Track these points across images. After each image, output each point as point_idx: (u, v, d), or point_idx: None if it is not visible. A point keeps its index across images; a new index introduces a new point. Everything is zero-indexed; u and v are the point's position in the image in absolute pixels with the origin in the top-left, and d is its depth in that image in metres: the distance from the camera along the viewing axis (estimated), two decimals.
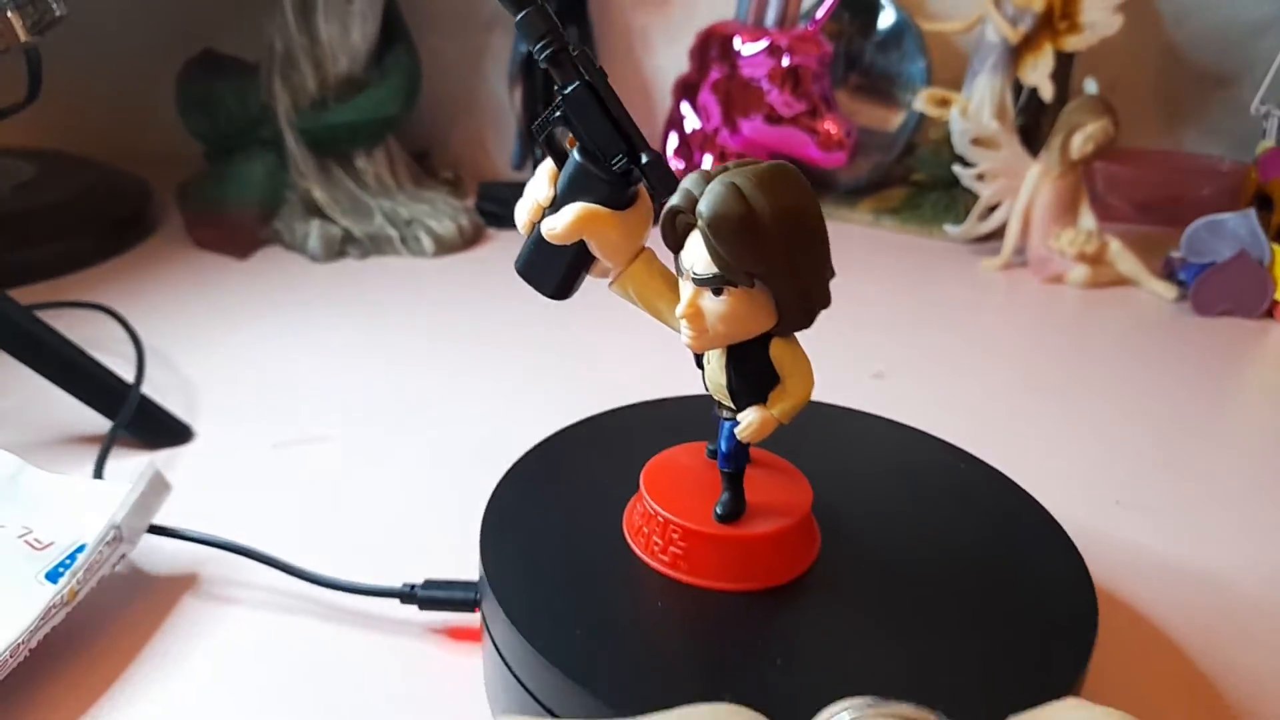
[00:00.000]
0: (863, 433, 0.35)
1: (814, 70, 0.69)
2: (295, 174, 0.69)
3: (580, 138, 0.24)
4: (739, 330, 0.23)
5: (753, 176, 0.22)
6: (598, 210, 0.24)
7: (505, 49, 0.80)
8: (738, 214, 0.21)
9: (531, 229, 0.25)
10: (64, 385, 0.42)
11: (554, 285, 0.26)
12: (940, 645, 0.25)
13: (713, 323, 0.23)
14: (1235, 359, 0.57)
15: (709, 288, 0.23)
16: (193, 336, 0.53)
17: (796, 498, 0.27)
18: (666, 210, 0.23)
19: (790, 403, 0.24)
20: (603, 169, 0.24)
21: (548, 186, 0.24)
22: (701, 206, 0.22)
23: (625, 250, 0.24)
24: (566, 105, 0.23)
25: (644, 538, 0.27)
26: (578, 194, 0.24)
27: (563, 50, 0.23)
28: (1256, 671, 0.31)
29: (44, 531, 0.32)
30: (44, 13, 0.42)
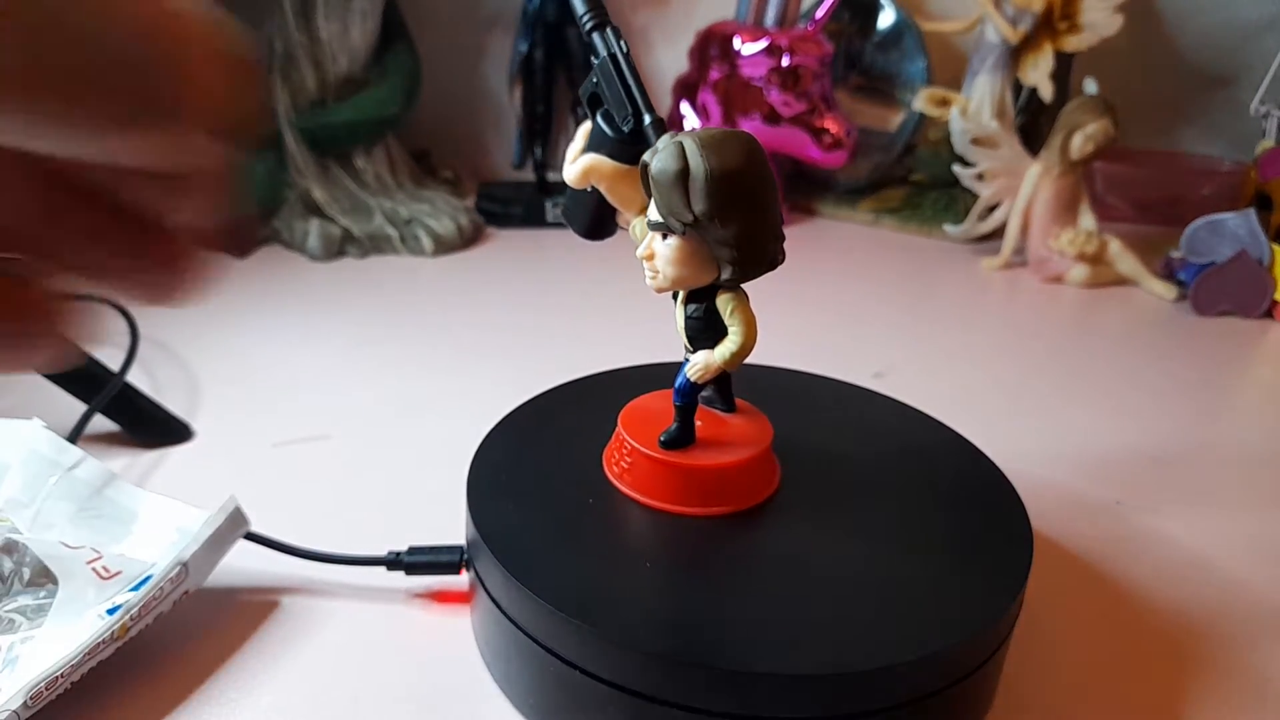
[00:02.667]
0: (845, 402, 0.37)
1: (814, 70, 0.69)
2: (295, 173, 0.69)
3: (604, 101, 0.28)
4: (685, 274, 0.26)
5: (700, 138, 0.24)
6: (602, 161, 0.28)
7: (505, 49, 0.80)
8: (674, 169, 0.24)
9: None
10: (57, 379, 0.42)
11: (583, 225, 0.30)
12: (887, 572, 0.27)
13: (662, 265, 0.26)
14: (1235, 359, 0.57)
15: (659, 232, 0.25)
16: (192, 335, 0.53)
17: (754, 440, 0.30)
18: (640, 164, 0.25)
19: (730, 349, 0.26)
20: (613, 128, 0.27)
21: (581, 140, 0.28)
22: (651, 160, 0.24)
23: (636, 200, 0.28)
24: (598, 72, 0.28)
25: (613, 463, 0.30)
26: (596, 149, 0.28)
27: (601, 25, 0.28)
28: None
29: (113, 559, 0.30)
30: None
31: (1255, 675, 0.31)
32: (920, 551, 0.28)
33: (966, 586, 0.27)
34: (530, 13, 0.77)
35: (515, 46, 0.78)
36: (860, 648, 0.24)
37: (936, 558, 0.28)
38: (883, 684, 0.24)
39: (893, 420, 0.36)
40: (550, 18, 0.76)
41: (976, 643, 0.26)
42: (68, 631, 0.27)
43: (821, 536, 0.29)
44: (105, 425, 0.43)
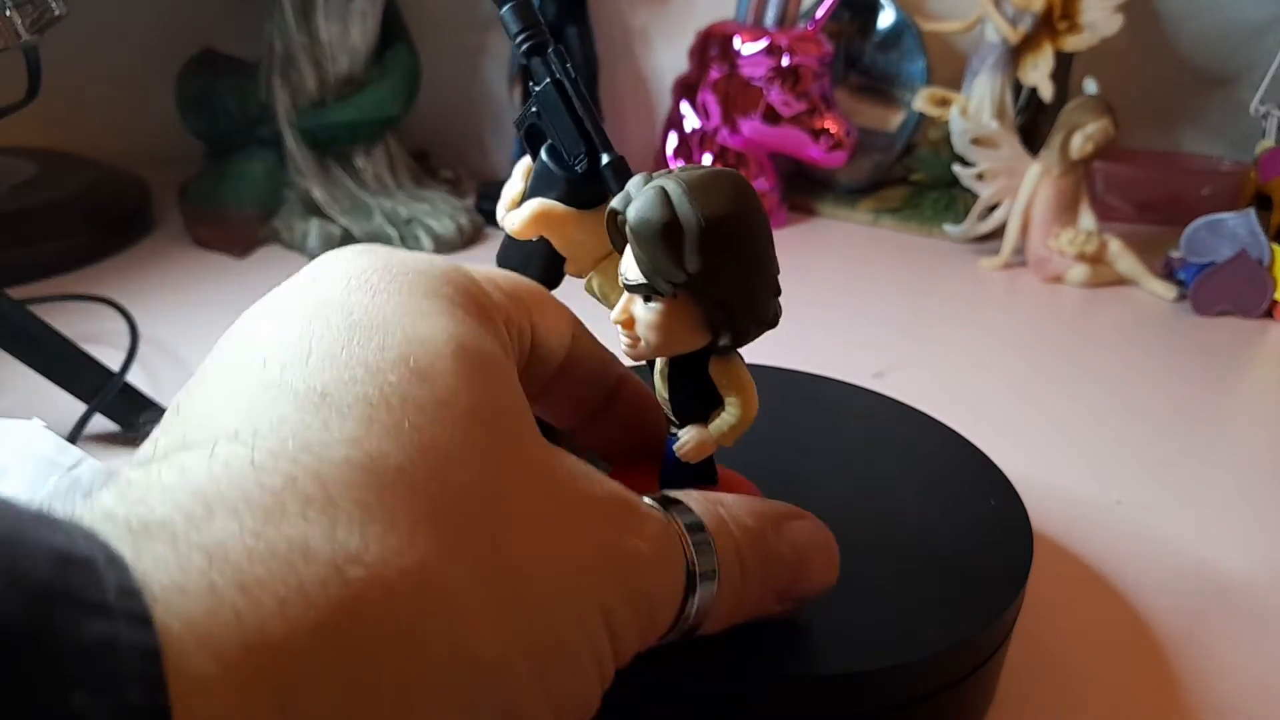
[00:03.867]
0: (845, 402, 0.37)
1: (814, 70, 0.69)
2: (294, 173, 0.69)
3: (549, 135, 0.24)
4: (670, 342, 0.22)
5: (684, 182, 0.20)
6: (553, 207, 0.24)
7: (505, 49, 0.80)
8: (659, 220, 0.20)
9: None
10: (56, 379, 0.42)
11: (531, 274, 0.25)
12: (886, 572, 0.27)
13: (644, 332, 0.22)
14: (1235, 359, 0.57)
15: (639, 295, 0.22)
16: (192, 335, 0.53)
17: None
18: (608, 212, 0.22)
19: (729, 423, 0.23)
20: (564, 167, 0.24)
21: (520, 182, 0.25)
22: (629, 210, 0.21)
23: (591, 250, 0.24)
24: (538, 101, 0.24)
25: None
26: (542, 190, 0.24)
27: (540, 46, 0.23)
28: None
29: None
30: (43, 11, 0.42)
31: (1255, 676, 0.31)
32: (920, 551, 0.28)
33: (966, 586, 0.27)
34: None
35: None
36: (859, 648, 0.24)
37: (936, 558, 0.28)
38: (882, 684, 0.24)
39: (893, 420, 0.36)
40: (550, 18, 0.76)
41: (976, 643, 0.26)
42: None
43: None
44: (105, 425, 0.43)
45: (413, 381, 0.16)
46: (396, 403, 0.15)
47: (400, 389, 0.16)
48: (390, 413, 0.15)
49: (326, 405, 0.15)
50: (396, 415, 0.15)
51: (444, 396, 0.16)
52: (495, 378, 0.18)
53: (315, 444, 0.14)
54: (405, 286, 0.18)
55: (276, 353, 0.16)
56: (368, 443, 0.15)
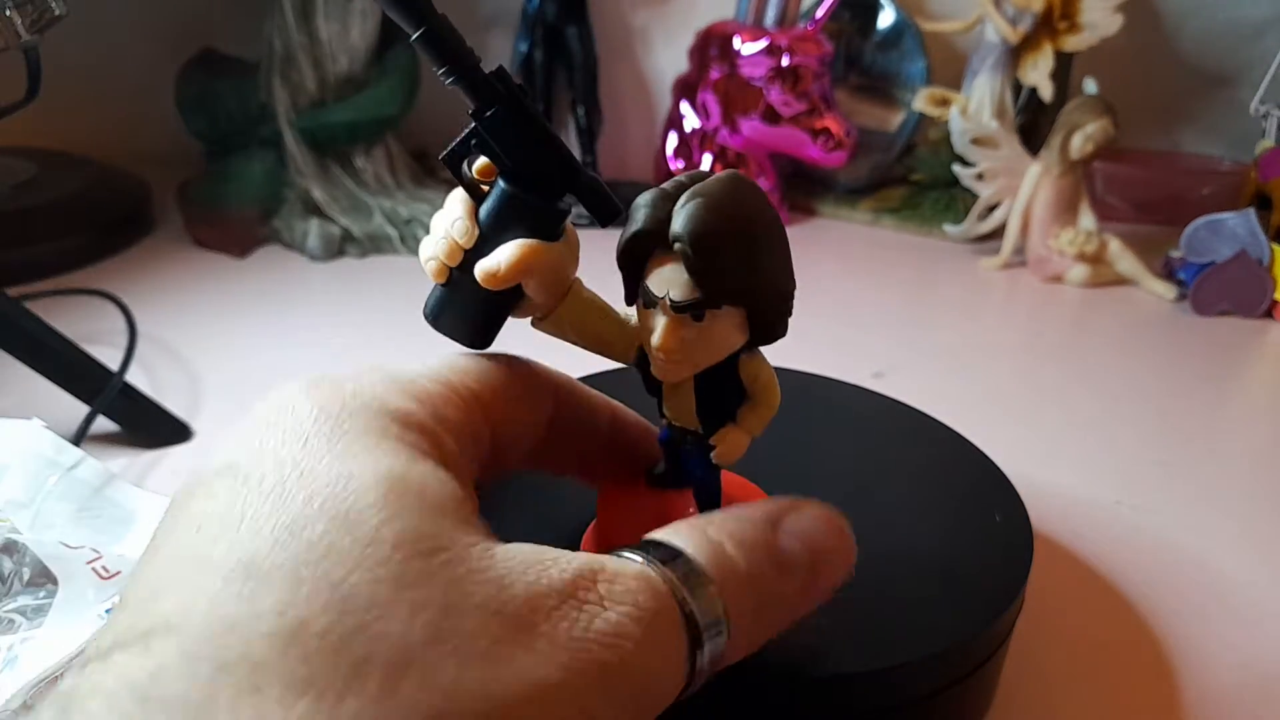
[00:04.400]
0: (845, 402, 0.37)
1: (814, 70, 0.69)
2: (294, 173, 0.69)
3: (504, 165, 0.21)
4: (717, 354, 0.22)
5: (717, 190, 0.20)
6: (539, 245, 0.21)
7: (505, 49, 0.80)
8: (719, 230, 0.20)
9: (447, 274, 0.22)
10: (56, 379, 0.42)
11: (478, 334, 0.23)
12: (886, 572, 0.27)
13: (692, 352, 0.21)
14: (1235, 359, 0.57)
15: (688, 314, 0.21)
16: (191, 335, 0.53)
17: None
18: (631, 236, 0.21)
19: (762, 416, 0.23)
20: (539, 196, 0.21)
21: (470, 224, 0.21)
22: (678, 228, 0.20)
23: (561, 285, 0.23)
24: (486, 129, 0.21)
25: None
26: (509, 228, 0.21)
27: (473, 70, 0.21)
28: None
29: (113, 559, 0.31)
30: (43, 11, 0.42)
31: (1255, 676, 0.31)
32: (920, 551, 0.28)
33: (966, 586, 0.27)
34: (530, 13, 0.77)
35: (515, 46, 0.78)
36: (859, 648, 0.24)
37: (936, 558, 0.28)
38: (882, 684, 0.24)
39: (893, 420, 0.36)
40: (550, 18, 0.76)
41: (976, 643, 0.26)
42: (68, 631, 0.27)
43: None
44: (105, 425, 0.43)
45: (338, 529, 0.16)
46: (319, 556, 0.15)
47: (324, 541, 0.15)
48: (314, 569, 0.15)
49: (252, 576, 0.15)
50: (320, 570, 0.15)
51: (368, 537, 0.16)
52: (426, 499, 0.17)
53: (241, 622, 0.14)
54: (343, 433, 0.18)
55: (210, 523, 0.16)
56: (292, 610, 0.14)
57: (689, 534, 0.19)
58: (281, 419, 0.19)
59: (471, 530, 0.17)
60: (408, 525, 0.16)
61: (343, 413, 0.19)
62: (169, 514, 0.18)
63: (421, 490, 0.17)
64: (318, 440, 0.18)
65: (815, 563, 0.21)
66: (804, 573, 0.21)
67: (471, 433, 0.21)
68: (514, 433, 0.23)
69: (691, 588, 0.18)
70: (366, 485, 0.17)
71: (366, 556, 0.15)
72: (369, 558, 0.15)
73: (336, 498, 0.16)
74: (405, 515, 0.16)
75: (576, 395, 0.25)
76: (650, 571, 0.18)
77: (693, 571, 0.18)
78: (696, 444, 0.24)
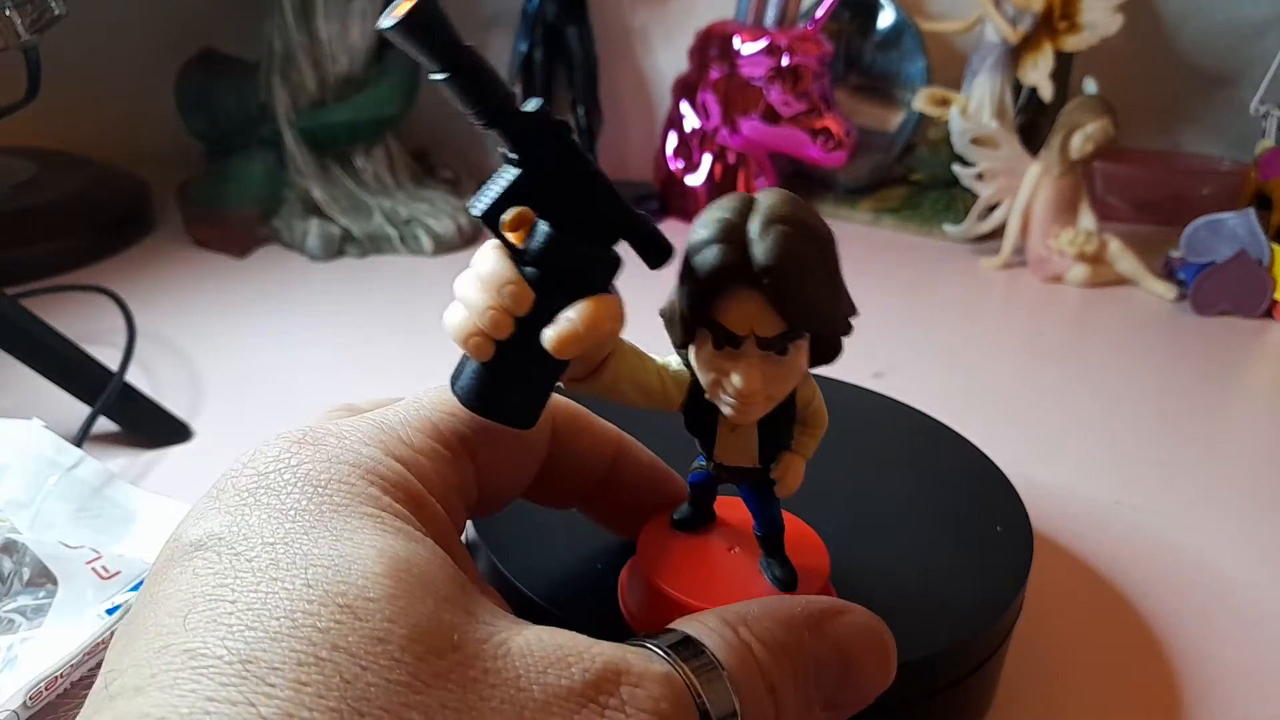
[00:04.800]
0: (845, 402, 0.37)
1: (814, 70, 0.69)
2: (294, 173, 0.68)
3: (554, 215, 0.19)
4: (792, 385, 0.20)
5: (791, 214, 0.19)
6: (613, 300, 0.19)
7: (505, 49, 0.80)
8: (806, 256, 0.19)
9: (493, 350, 0.19)
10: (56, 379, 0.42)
11: (533, 410, 0.20)
12: (886, 572, 0.27)
13: (777, 387, 0.20)
14: (1234, 359, 0.57)
15: (775, 349, 0.19)
16: (191, 335, 0.53)
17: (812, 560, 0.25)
18: (713, 272, 0.19)
19: (815, 440, 0.22)
20: (601, 247, 0.19)
21: (522, 288, 0.19)
22: (765, 260, 0.18)
23: (615, 340, 0.21)
24: (534, 176, 0.18)
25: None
26: (571, 286, 0.19)
27: (514, 114, 0.18)
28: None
29: (113, 559, 0.30)
30: (43, 11, 0.42)
31: (1255, 676, 0.31)
32: (920, 552, 0.28)
33: (966, 587, 0.27)
34: (530, 13, 0.77)
35: (515, 46, 0.78)
36: None
37: (936, 558, 0.28)
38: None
39: (893, 420, 0.36)
40: (550, 18, 0.76)
41: (976, 643, 0.26)
42: (68, 631, 0.27)
43: (820, 537, 0.29)
44: (105, 425, 0.43)
45: (344, 622, 0.15)
46: (327, 653, 0.14)
47: (331, 636, 0.14)
48: (321, 668, 0.14)
49: (252, 676, 0.14)
50: (328, 670, 0.14)
51: (379, 632, 0.15)
52: (432, 588, 0.16)
53: None
54: (333, 507, 0.17)
55: (197, 607, 0.15)
56: (298, 717, 0.13)
57: (720, 630, 0.18)
58: (263, 485, 0.18)
59: (480, 617, 0.16)
60: (418, 620, 0.15)
61: (330, 481, 0.18)
62: (148, 588, 0.16)
63: (425, 577, 0.16)
64: (306, 514, 0.17)
65: (845, 674, 0.20)
66: (831, 680, 0.20)
67: (458, 486, 0.20)
68: (502, 478, 0.22)
69: (711, 696, 0.17)
70: (369, 570, 0.15)
71: (377, 654, 0.14)
72: (379, 656, 0.14)
73: (338, 584, 0.15)
74: (414, 608, 0.15)
75: (580, 426, 0.24)
76: (675, 674, 0.17)
77: (715, 676, 0.18)
78: (755, 480, 0.22)
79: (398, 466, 0.19)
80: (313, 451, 0.18)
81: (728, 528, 0.25)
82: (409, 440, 0.20)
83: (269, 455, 0.18)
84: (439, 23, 0.17)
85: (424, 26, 0.16)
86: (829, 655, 0.19)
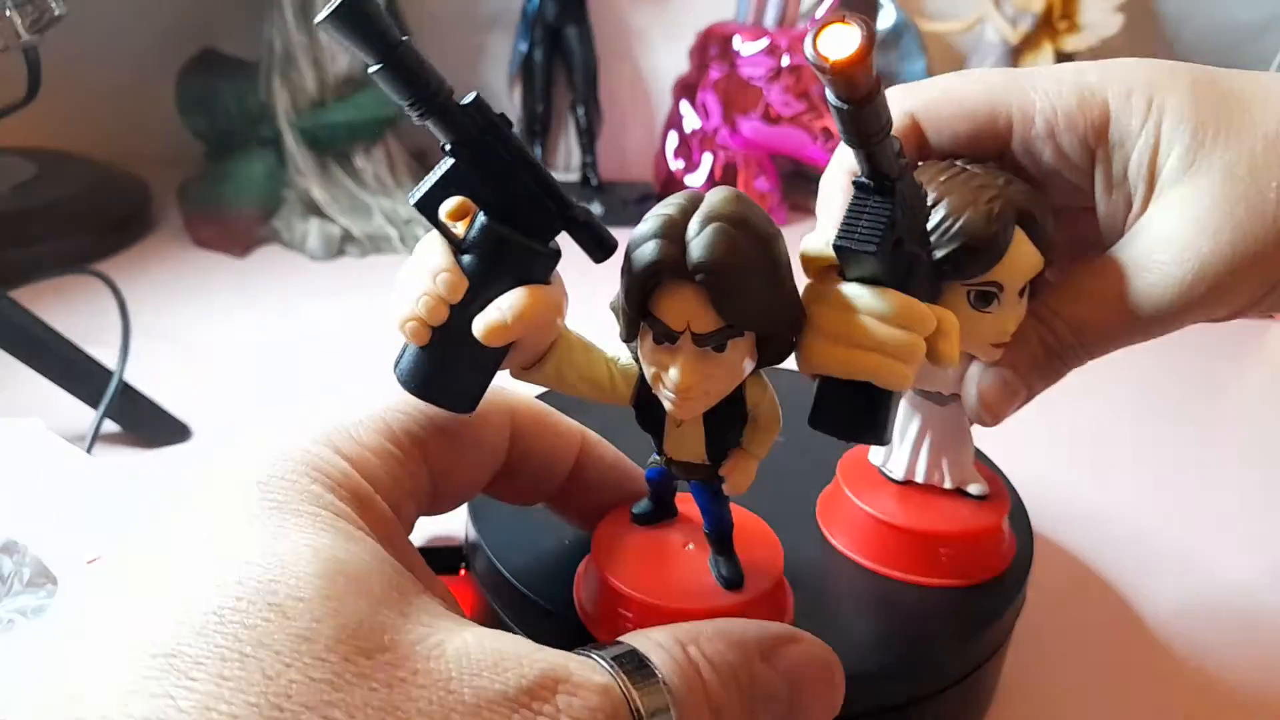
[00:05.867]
0: None
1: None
2: (294, 173, 0.69)
3: (489, 204, 0.19)
4: (733, 383, 0.20)
5: (731, 211, 0.19)
6: (545, 291, 0.19)
7: (505, 49, 0.80)
8: (742, 254, 0.18)
9: (429, 335, 0.20)
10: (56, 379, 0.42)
11: (473, 398, 0.21)
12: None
13: (715, 383, 0.20)
14: (1235, 359, 0.57)
15: (710, 345, 0.19)
16: (191, 334, 0.53)
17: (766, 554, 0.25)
18: (648, 268, 0.19)
19: (768, 437, 0.22)
20: (536, 238, 0.19)
21: (457, 277, 0.19)
22: (700, 256, 0.18)
23: (554, 331, 0.21)
24: (470, 167, 0.19)
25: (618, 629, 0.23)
26: (504, 275, 0.19)
27: (447, 102, 0.18)
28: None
29: None
30: (43, 11, 0.42)
31: (1255, 676, 0.31)
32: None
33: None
34: (530, 13, 0.77)
35: (515, 46, 0.78)
36: (860, 648, 0.24)
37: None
38: (883, 684, 0.24)
39: None
40: (550, 18, 0.76)
41: (977, 643, 0.26)
42: None
43: (820, 536, 0.29)
44: (105, 425, 0.43)
45: (271, 620, 0.15)
46: (251, 650, 0.14)
47: (257, 634, 0.14)
48: (244, 664, 0.14)
49: (175, 670, 0.14)
50: (250, 667, 0.14)
51: (306, 631, 0.15)
52: (366, 588, 0.16)
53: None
54: (275, 505, 0.17)
55: (131, 604, 0.15)
56: (217, 711, 0.13)
57: (669, 647, 0.18)
58: (208, 482, 0.18)
59: (417, 618, 0.16)
60: (347, 619, 0.15)
61: (273, 479, 0.18)
62: (90, 587, 0.16)
63: (360, 576, 0.16)
64: (245, 513, 0.17)
65: (793, 702, 0.20)
66: (779, 708, 0.19)
67: (409, 485, 0.20)
68: (458, 476, 0.22)
69: (649, 710, 0.17)
70: (302, 570, 0.15)
71: (301, 653, 0.14)
72: (304, 654, 0.14)
73: (269, 583, 0.15)
74: (344, 607, 0.15)
75: (542, 425, 0.24)
76: (615, 686, 0.17)
77: (656, 691, 0.17)
78: (705, 478, 0.22)
79: (344, 464, 0.19)
80: (258, 449, 0.18)
81: (688, 524, 0.25)
82: (359, 438, 0.20)
83: (216, 456, 0.19)
84: (372, 14, 0.17)
85: (356, 18, 0.17)
86: (777, 681, 0.19)
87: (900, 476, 0.29)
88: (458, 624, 0.17)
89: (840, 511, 0.29)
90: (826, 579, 0.27)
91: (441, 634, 0.16)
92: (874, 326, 0.19)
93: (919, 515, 0.27)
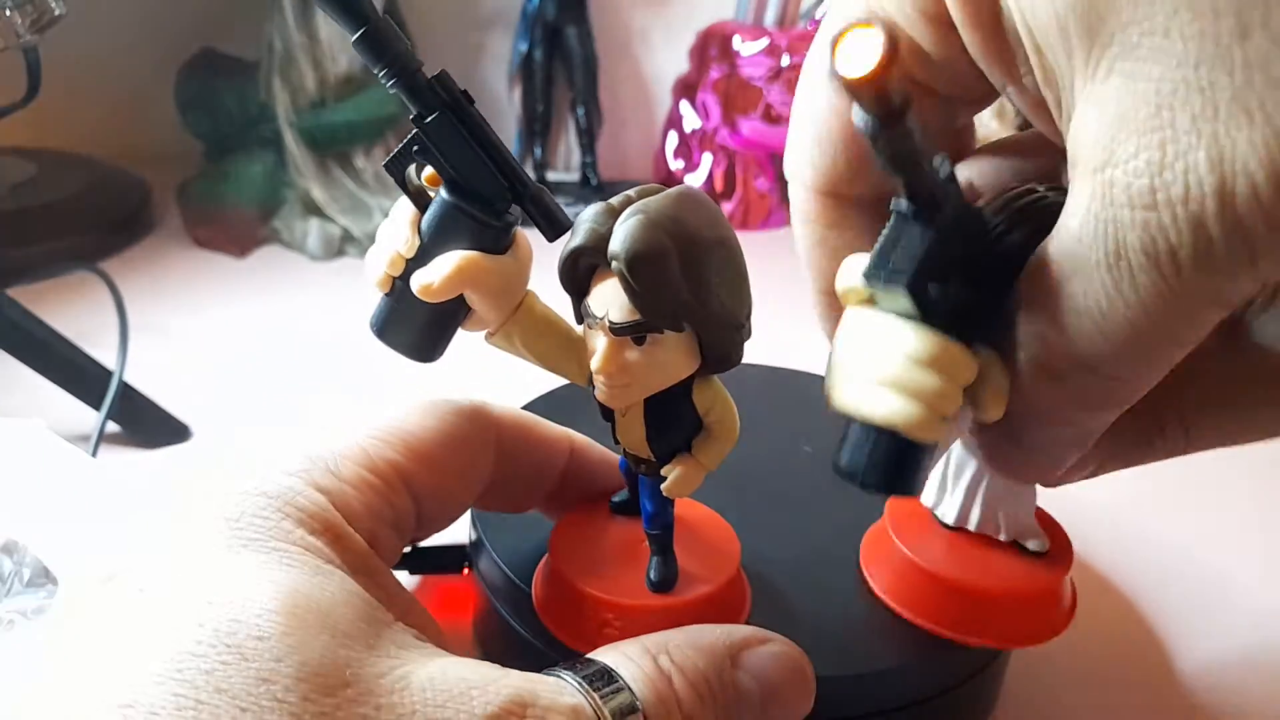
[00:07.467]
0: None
1: None
2: (294, 173, 0.68)
3: (446, 174, 0.21)
4: (664, 380, 0.21)
5: (664, 206, 0.19)
6: (478, 258, 0.21)
7: (505, 49, 0.80)
8: (659, 250, 0.19)
9: (390, 284, 0.22)
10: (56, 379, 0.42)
11: (423, 348, 0.23)
12: None
13: (638, 375, 0.20)
14: None
15: (629, 336, 0.20)
16: (191, 334, 0.53)
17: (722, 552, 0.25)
18: (569, 252, 0.20)
19: (719, 448, 0.22)
20: (481, 209, 0.21)
21: (410, 234, 0.21)
22: (615, 246, 0.19)
23: (508, 299, 0.22)
24: (428, 136, 0.20)
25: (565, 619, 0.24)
26: (450, 240, 0.21)
27: (413, 74, 0.20)
28: None
29: None
30: (43, 11, 0.42)
31: (1255, 676, 0.31)
32: None
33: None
34: (530, 13, 0.77)
35: (515, 46, 0.78)
36: (862, 650, 0.24)
37: None
38: (885, 686, 0.24)
39: None
40: (550, 18, 0.76)
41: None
42: None
43: (859, 578, 0.28)
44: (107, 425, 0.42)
45: (229, 663, 0.14)
46: (208, 696, 0.14)
47: (215, 679, 0.14)
48: (198, 712, 0.14)
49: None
50: (205, 715, 0.14)
51: (264, 673, 0.14)
52: (329, 623, 0.16)
53: None
54: (243, 542, 0.17)
55: (90, 648, 0.15)
56: None
57: (639, 660, 0.18)
58: (177, 516, 0.18)
59: (385, 650, 0.16)
60: (308, 656, 0.15)
61: (243, 515, 0.18)
62: (55, 629, 0.16)
63: (325, 612, 0.16)
64: (211, 552, 0.17)
65: (767, 705, 0.20)
66: (751, 713, 0.19)
67: (389, 515, 0.20)
68: (443, 499, 0.22)
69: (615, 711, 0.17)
70: (264, 609, 0.15)
71: (259, 695, 0.14)
72: (262, 696, 0.14)
73: (229, 623, 0.15)
74: (306, 644, 0.15)
75: (528, 438, 0.24)
76: (585, 705, 0.17)
77: (629, 708, 0.17)
78: (649, 474, 0.23)
79: (318, 497, 0.19)
80: (228, 482, 0.18)
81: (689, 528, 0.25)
82: (336, 469, 0.20)
83: (182, 482, 0.19)
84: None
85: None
86: (748, 685, 0.19)
87: (952, 523, 0.27)
88: (426, 654, 0.17)
89: (882, 553, 0.27)
90: (859, 626, 0.26)
91: (409, 665, 0.16)
92: (897, 365, 0.17)
93: (965, 567, 0.25)
